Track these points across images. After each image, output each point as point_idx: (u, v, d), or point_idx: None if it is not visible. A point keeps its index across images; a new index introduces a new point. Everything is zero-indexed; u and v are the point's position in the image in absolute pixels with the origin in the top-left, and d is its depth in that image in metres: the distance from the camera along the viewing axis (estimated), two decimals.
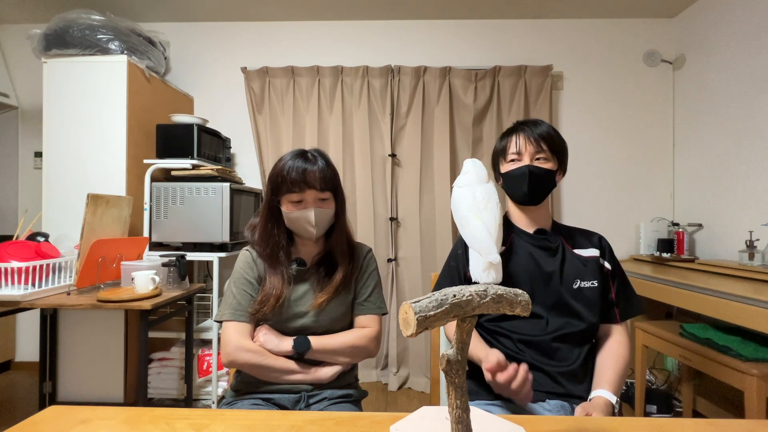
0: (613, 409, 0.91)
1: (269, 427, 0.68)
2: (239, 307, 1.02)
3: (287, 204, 1.02)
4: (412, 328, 0.52)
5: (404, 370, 2.55)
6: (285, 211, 1.02)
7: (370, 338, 1.05)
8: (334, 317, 1.05)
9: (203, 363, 2.20)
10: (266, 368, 0.98)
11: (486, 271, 1.00)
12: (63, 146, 2.11)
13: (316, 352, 1.00)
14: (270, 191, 1.04)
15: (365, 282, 1.11)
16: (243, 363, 0.98)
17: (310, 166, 1.00)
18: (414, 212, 2.57)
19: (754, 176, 2.07)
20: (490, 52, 2.67)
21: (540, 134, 1.03)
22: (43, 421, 0.69)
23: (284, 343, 1.00)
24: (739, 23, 2.15)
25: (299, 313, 1.03)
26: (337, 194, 1.06)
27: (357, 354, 1.05)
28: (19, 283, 1.54)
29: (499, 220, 1.04)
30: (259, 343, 1.00)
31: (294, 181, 0.98)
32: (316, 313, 1.03)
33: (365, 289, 1.10)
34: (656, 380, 2.40)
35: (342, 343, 1.03)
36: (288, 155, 1.03)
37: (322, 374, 1.01)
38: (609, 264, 1.06)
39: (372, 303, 1.10)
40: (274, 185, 1.02)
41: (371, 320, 1.08)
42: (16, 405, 2.23)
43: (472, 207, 1.04)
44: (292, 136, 2.60)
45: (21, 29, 2.67)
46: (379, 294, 1.12)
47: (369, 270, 1.12)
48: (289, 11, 2.61)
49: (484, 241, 1.00)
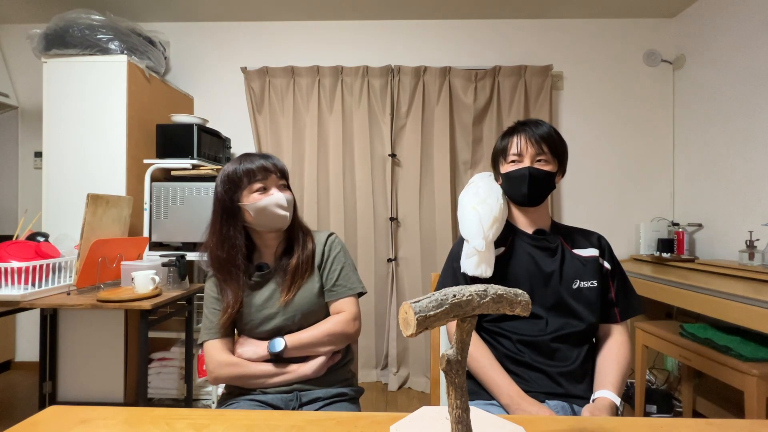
0: (617, 410, 0.91)
1: (269, 427, 0.68)
2: (211, 325, 1.04)
3: (251, 195, 1.01)
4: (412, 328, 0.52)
5: (404, 370, 2.55)
6: (250, 204, 1.00)
7: (345, 321, 1.05)
8: (305, 311, 1.05)
9: (203, 363, 2.20)
10: (247, 377, 0.99)
11: (470, 258, 1.01)
12: (63, 146, 2.11)
13: (293, 348, 1.00)
14: (225, 192, 1.02)
15: (331, 267, 1.09)
16: (226, 377, 1.00)
17: (264, 159, 1.04)
18: (414, 212, 2.57)
19: (754, 176, 2.07)
20: (490, 52, 2.67)
21: (541, 135, 1.03)
22: (43, 421, 0.69)
23: (261, 349, 1.01)
24: (739, 23, 2.15)
25: (269, 315, 1.04)
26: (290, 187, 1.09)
27: (336, 341, 1.04)
28: (19, 283, 1.54)
29: (497, 214, 1.03)
30: (238, 354, 1.01)
31: (255, 170, 1.01)
32: (285, 311, 1.03)
33: (332, 274, 1.09)
34: (656, 380, 2.40)
35: (317, 333, 1.03)
36: (234, 160, 1.04)
37: (305, 370, 1.01)
38: (608, 264, 1.06)
39: (341, 286, 1.08)
40: (231, 184, 1.01)
41: (345, 303, 1.07)
42: (16, 405, 2.23)
43: (472, 200, 1.07)
44: (292, 136, 2.60)
45: (21, 29, 2.67)
46: (348, 275, 1.10)
47: (333, 254, 1.11)
48: (289, 11, 2.61)
49: (473, 228, 1.01)
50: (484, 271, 1.00)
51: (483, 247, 0.99)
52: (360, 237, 2.55)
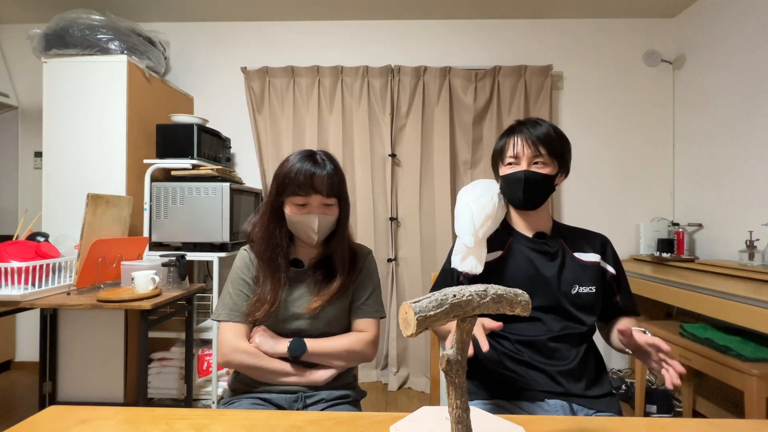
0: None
1: (269, 427, 0.68)
2: (235, 307, 1.02)
3: (291, 206, 1.00)
4: (412, 328, 0.52)
5: (404, 370, 2.55)
6: (288, 214, 1.01)
7: (366, 342, 1.05)
8: (330, 321, 1.04)
9: (203, 363, 2.20)
10: (260, 370, 0.99)
11: (459, 254, 1.00)
12: (63, 146, 2.11)
13: (312, 355, 1.00)
14: (275, 191, 1.01)
15: (363, 285, 1.09)
16: (238, 364, 0.99)
17: (319, 170, 0.98)
18: (414, 212, 2.57)
19: (754, 176, 2.07)
20: (490, 52, 2.67)
21: (538, 137, 1.00)
22: (43, 421, 0.69)
23: (279, 346, 0.99)
24: (739, 23, 2.15)
25: (295, 314, 1.03)
26: (342, 200, 1.04)
27: (353, 358, 1.04)
28: (19, 283, 1.54)
29: (489, 212, 1.02)
30: (255, 344, 0.99)
31: (301, 184, 0.96)
32: (312, 316, 1.03)
33: (363, 292, 1.09)
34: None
35: (338, 346, 1.02)
36: (295, 156, 1.01)
37: (316, 377, 1.00)
38: (613, 268, 1.06)
39: (369, 306, 1.08)
40: (279, 186, 1.00)
41: (368, 324, 1.07)
42: (16, 405, 2.23)
43: (467, 197, 1.06)
44: (292, 136, 2.60)
45: (21, 29, 2.67)
46: (377, 298, 1.10)
47: (367, 273, 1.11)
48: (289, 11, 2.61)
49: (464, 224, 1.00)
50: (473, 266, 0.98)
51: (472, 244, 0.97)
52: (360, 237, 2.55)
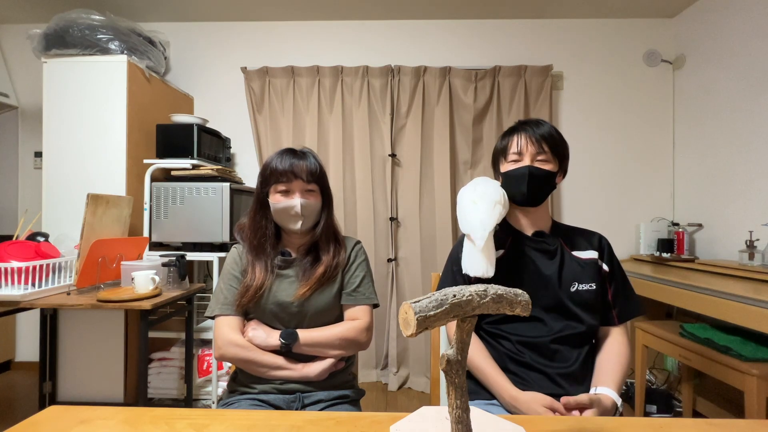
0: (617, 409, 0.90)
1: (269, 427, 0.68)
2: (226, 301, 1.05)
3: (275, 195, 1.05)
4: (412, 328, 0.52)
5: (404, 370, 2.55)
6: (272, 203, 1.06)
7: (360, 329, 1.05)
8: (320, 310, 1.05)
9: (203, 363, 2.20)
10: (253, 363, 0.99)
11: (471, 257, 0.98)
12: (63, 146, 2.11)
13: (305, 344, 1.01)
14: (260, 184, 1.09)
15: (353, 272, 1.11)
16: (231, 357, 1.00)
17: (298, 159, 1.05)
18: (414, 212, 2.57)
19: (754, 176, 2.07)
20: (490, 52, 2.67)
21: (542, 135, 1.03)
22: (43, 421, 0.69)
23: (272, 338, 1.00)
24: (739, 23, 2.15)
25: (284, 303, 1.04)
26: (324, 190, 1.10)
27: (347, 346, 1.04)
28: (19, 283, 1.53)
29: (497, 198, 1.01)
30: (248, 338, 1.01)
31: (282, 171, 1.04)
32: (301, 304, 1.04)
33: (354, 279, 1.10)
34: (656, 380, 2.40)
35: (331, 335, 1.03)
36: (277, 151, 1.09)
37: (309, 370, 1.01)
38: (607, 266, 1.06)
39: (361, 294, 1.09)
40: (263, 177, 1.07)
41: (361, 311, 1.08)
42: (16, 405, 2.23)
43: (471, 195, 1.05)
44: (292, 136, 2.60)
45: (21, 29, 2.67)
46: (368, 285, 1.12)
47: (357, 261, 1.13)
48: (289, 11, 2.61)
49: (474, 222, 0.99)
50: (486, 270, 0.97)
51: (484, 239, 0.96)
52: (360, 237, 2.55)
